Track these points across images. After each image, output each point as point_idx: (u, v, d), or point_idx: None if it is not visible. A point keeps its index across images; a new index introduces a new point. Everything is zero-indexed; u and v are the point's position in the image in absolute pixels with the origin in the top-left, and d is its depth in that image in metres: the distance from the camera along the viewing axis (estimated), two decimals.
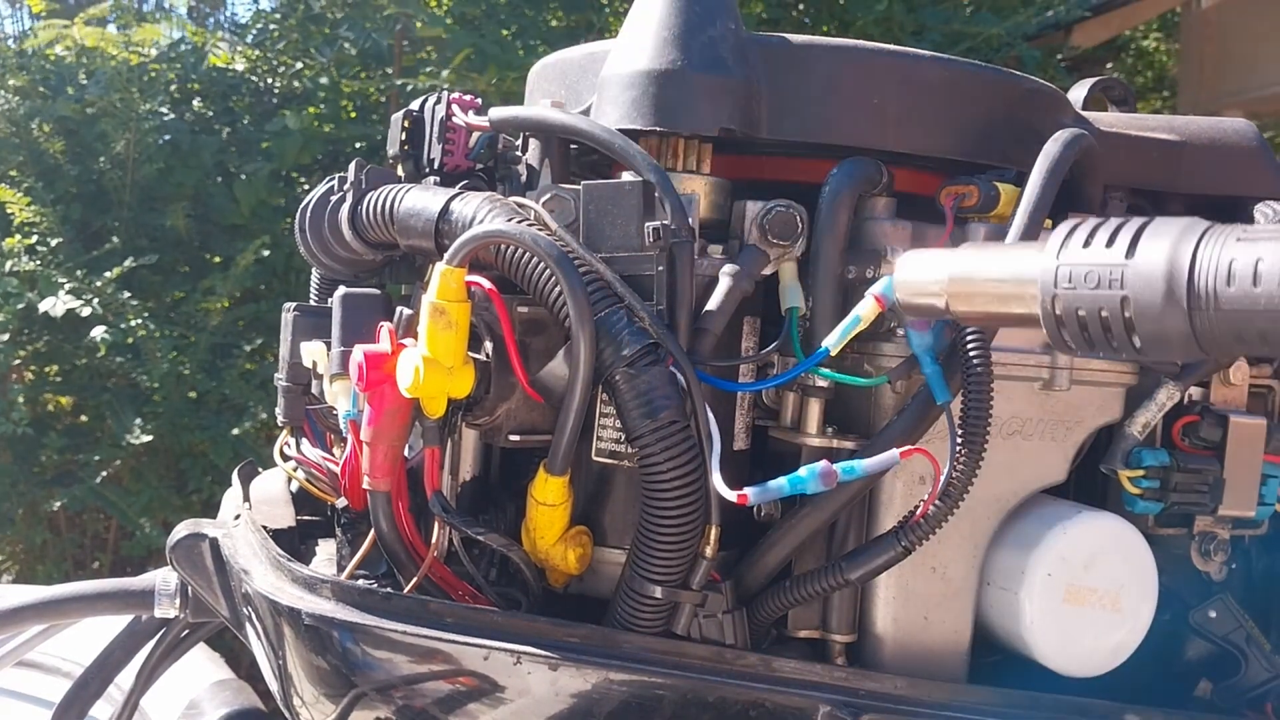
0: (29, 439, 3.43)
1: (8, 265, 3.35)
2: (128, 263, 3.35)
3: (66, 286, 3.27)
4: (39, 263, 3.36)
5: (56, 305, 3.24)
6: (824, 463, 0.70)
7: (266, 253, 3.51)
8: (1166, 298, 0.50)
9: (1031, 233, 0.75)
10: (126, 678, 1.19)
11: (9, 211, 3.43)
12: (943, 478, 0.72)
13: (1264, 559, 0.93)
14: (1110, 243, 0.53)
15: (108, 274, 3.31)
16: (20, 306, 3.31)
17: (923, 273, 0.67)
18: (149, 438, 3.29)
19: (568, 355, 0.71)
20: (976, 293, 0.63)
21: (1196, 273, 0.49)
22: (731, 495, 0.69)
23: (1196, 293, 0.49)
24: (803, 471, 0.70)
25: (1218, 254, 0.49)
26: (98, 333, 3.26)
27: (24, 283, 3.33)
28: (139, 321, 3.27)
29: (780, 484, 0.70)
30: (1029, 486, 0.81)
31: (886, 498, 0.77)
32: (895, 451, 0.70)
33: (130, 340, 3.29)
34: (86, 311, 3.26)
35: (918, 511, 0.72)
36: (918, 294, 0.67)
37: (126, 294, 3.32)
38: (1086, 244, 0.54)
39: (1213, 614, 0.87)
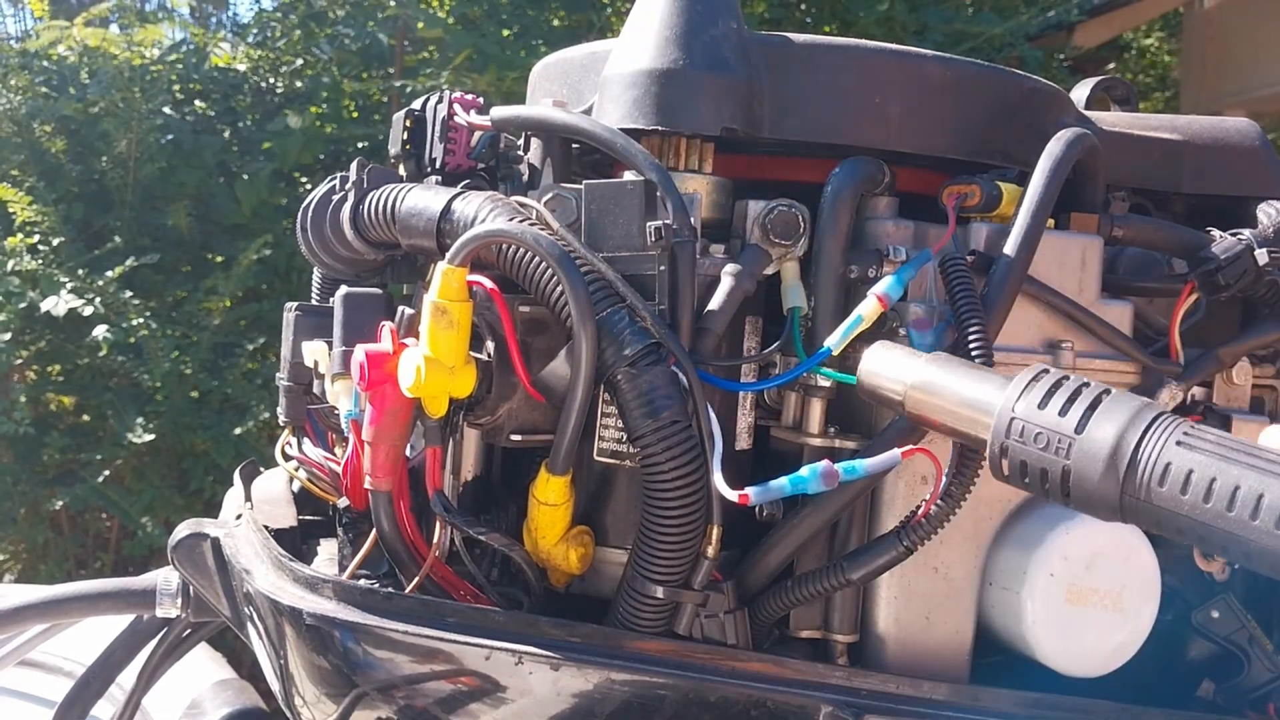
0: (31, 438, 3.43)
1: (9, 265, 3.35)
2: (129, 262, 3.35)
3: (68, 286, 3.27)
4: (40, 262, 3.36)
5: (59, 305, 3.24)
6: (825, 462, 0.70)
7: (268, 252, 3.51)
8: (1103, 477, 0.56)
9: (1035, 233, 0.75)
10: (128, 677, 1.19)
11: (11, 211, 3.44)
12: (945, 478, 0.72)
13: None
14: (1064, 411, 0.58)
15: (109, 273, 3.31)
16: (22, 306, 3.31)
17: (889, 370, 0.71)
18: (151, 436, 3.29)
19: (569, 355, 0.71)
20: (935, 406, 0.67)
21: (1136, 465, 0.55)
22: (733, 495, 0.69)
23: (1133, 481, 0.55)
24: (804, 471, 0.70)
25: (1157, 453, 0.55)
26: (99, 332, 3.26)
27: (25, 282, 3.33)
28: (141, 321, 3.28)
29: (781, 484, 0.70)
30: None
31: (888, 497, 0.77)
32: (897, 451, 0.70)
33: (132, 340, 3.29)
34: (89, 311, 3.26)
35: (919, 511, 0.72)
36: (880, 386, 0.71)
37: (128, 293, 3.32)
38: (1042, 405, 0.59)
39: (1215, 614, 0.87)
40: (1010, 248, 0.75)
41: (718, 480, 0.69)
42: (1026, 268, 0.75)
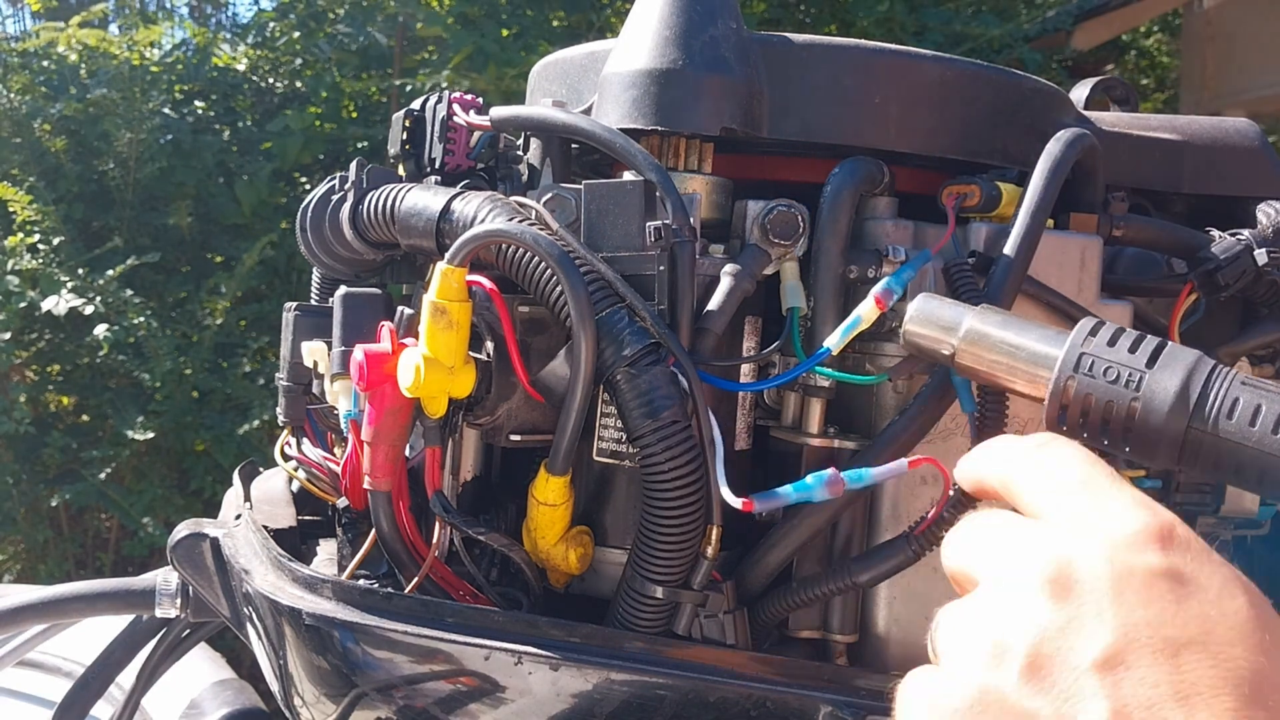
0: (31, 438, 3.43)
1: (9, 264, 3.35)
2: (130, 261, 3.35)
3: (69, 285, 3.27)
4: (40, 261, 3.36)
5: (59, 304, 3.24)
6: (832, 471, 0.70)
7: (271, 251, 3.51)
8: (1173, 410, 0.57)
9: (1035, 233, 0.75)
10: (127, 677, 1.19)
11: (11, 210, 3.44)
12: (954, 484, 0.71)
13: (1266, 559, 0.93)
14: (1133, 349, 0.59)
15: (110, 272, 3.31)
16: (22, 305, 3.31)
17: (941, 316, 0.69)
18: (151, 433, 3.29)
19: (569, 355, 0.71)
20: (988, 355, 0.66)
21: (1206, 398, 0.56)
22: (737, 503, 0.69)
23: (1202, 414, 0.56)
24: (809, 479, 0.70)
25: (1225, 388, 0.56)
26: (100, 331, 3.26)
27: (25, 282, 3.33)
28: (141, 320, 3.28)
29: (786, 491, 0.70)
30: None
31: (888, 498, 0.77)
32: (904, 461, 0.70)
33: (132, 340, 3.29)
34: (89, 310, 3.26)
35: (929, 516, 0.72)
36: (929, 335, 0.69)
37: (129, 292, 3.32)
38: (1111, 343, 0.60)
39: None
40: (1010, 248, 0.75)
41: (722, 486, 0.69)
42: (1026, 268, 0.75)
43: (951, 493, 0.69)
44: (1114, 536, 0.47)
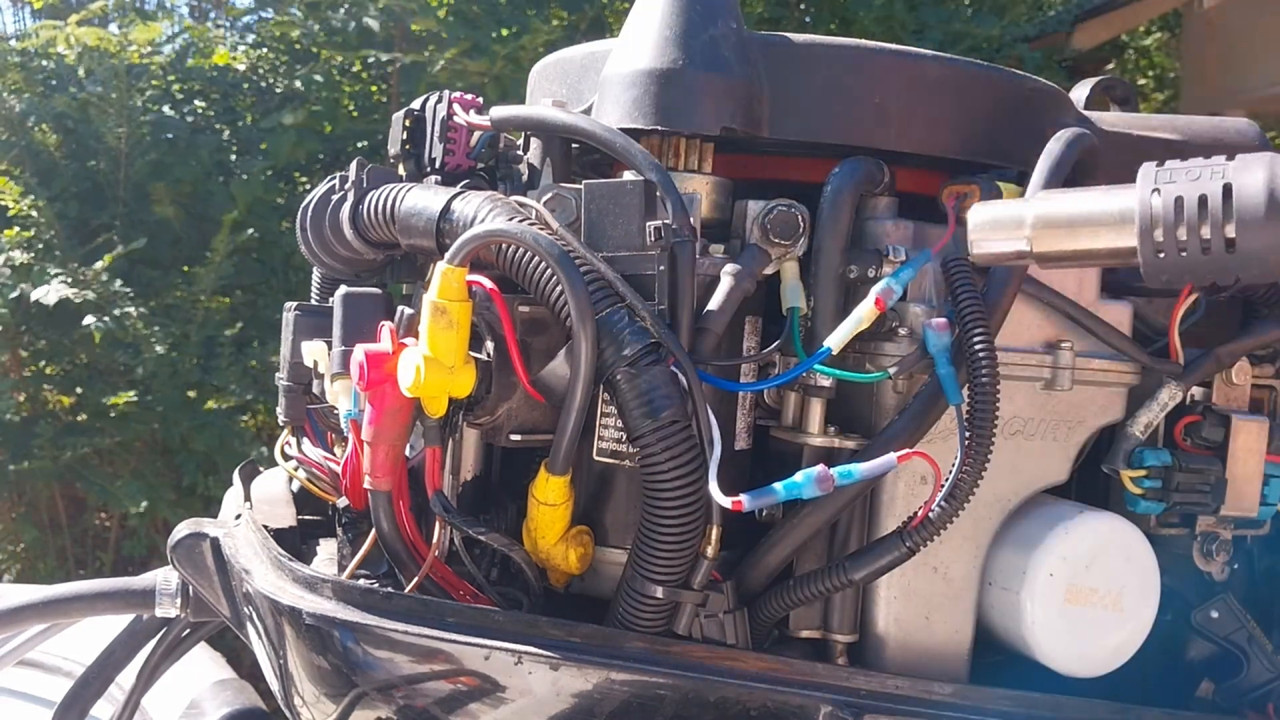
0: (21, 429, 3.42)
1: (1, 259, 3.35)
2: (119, 249, 3.35)
3: (60, 277, 3.27)
4: (33, 256, 3.36)
5: (49, 294, 3.23)
6: (820, 467, 0.70)
7: (254, 232, 3.50)
8: (1269, 188, 0.56)
9: None
10: (127, 677, 1.19)
11: (4, 205, 3.44)
12: (949, 478, 0.71)
13: (1266, 559, 0.93)
14: (1206, 159, 0.59)
15: (99, 262, 3.30)
16: (13, 296, 3.30)
17: (1003, 217, 0.68)
18: (132, 394, 3.28)
19: (569, 355, 0.71)
20: (1067, 229, 0.65)
21: None
22: (726, 502, 0.69)
23: None
24: (799, 476, 0.70)
25: None
26: (90, 321, 3.25)
27: (18, 275, 3.33)
28: (131, 310, 3.27)
29: (775, 489, 0.70)
30: (1031, 486, 0.81)
31: (888, 497, 0.77)
32: (892, 456, 0.70)
33: (130, 338, 3.29)
34: (80, 300, 3.25)
35: (920, 512, 0.72)
36: (999, 237, 0.68)
37: (119, 283, 3.32)
38: (1183, 159, 0.60)
39: (1215, 614, 0.87)
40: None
41: (712, 487, 0.69)
42: (1026, 268, 0.75)
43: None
44: None
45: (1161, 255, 0.59)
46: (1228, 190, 0.57)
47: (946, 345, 0.73)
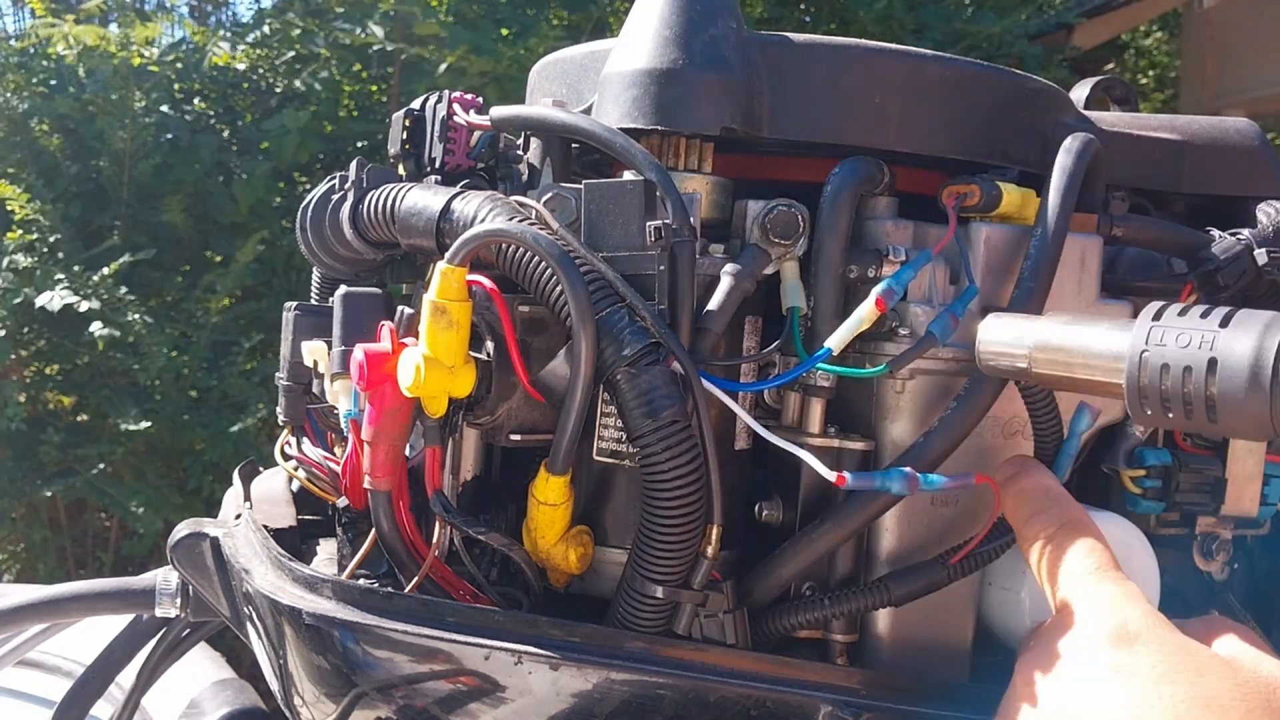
0: (26, 435, 3.42)
1: (4, 262, 3.35)
2: (125, 258, 3.35)
3: (64, 282, 3.27)
4: (36, 259, 3.36)
5: (53, 299, 3.23)
6: (909, 469, 0.72)
7: (261, 248, 3.51)
8: (1253, 368, 0.57)
9: (1054, 255, 0.75)
10: (127, 677, 1.19)
11: (9, 208, 3.44)
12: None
13: (1266, 559, 0.93)
14: (1205, 315, 0.60)
15: (105, 270, 3.30)
16: (17, 301, 3.30)
17: (1008, 332, 0.72)
18: (147, 423, 3.28)
19: (569, 354, 0.71)
20: (1062, 358, 0.68)
21: None
22: (831, 475, 0.70)
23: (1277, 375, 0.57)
24: (891, 471, 0.72)
25: None
26: (95, 328, 3.25)
27: (22, 279, 3.33)
28: (136, 317, 3.27)
29: (870, 476, 0.72)
30: None
31: (890, 514, 0.77)
32: (972, 475, 0.73)
33: (130, 339, 3.29)
34: (84, 306, 3.25)
35: (972, 540, 0.74)
36: (1001, 352, 0.72)
37: (124, 289, 3.32)
38: (1182, 314, 0.61)
39: (1215, 614, 0.87)
40: (1030, 273, 0.75)
41: (807, 455, 0.71)
42: (1047, 291, 0.75)
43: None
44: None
45: (1148, 412, 0.62)
46: (1212, 364, 0.58)
47: (1085, 428, 0.77)
